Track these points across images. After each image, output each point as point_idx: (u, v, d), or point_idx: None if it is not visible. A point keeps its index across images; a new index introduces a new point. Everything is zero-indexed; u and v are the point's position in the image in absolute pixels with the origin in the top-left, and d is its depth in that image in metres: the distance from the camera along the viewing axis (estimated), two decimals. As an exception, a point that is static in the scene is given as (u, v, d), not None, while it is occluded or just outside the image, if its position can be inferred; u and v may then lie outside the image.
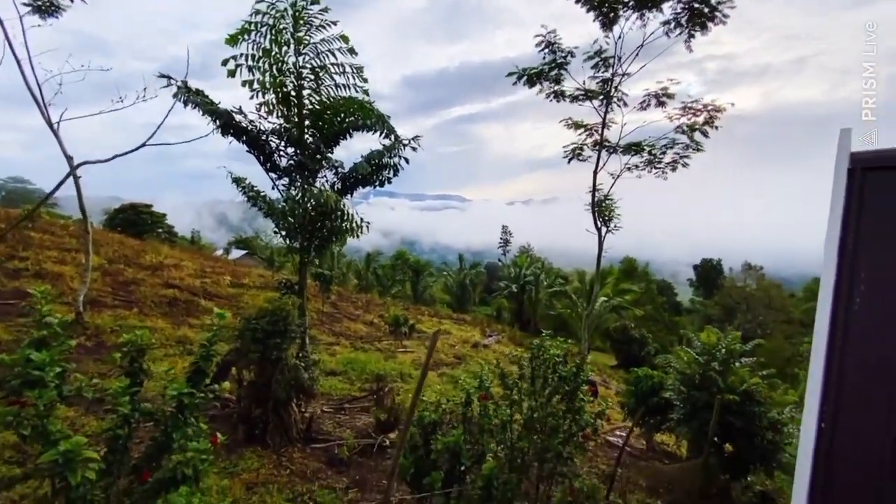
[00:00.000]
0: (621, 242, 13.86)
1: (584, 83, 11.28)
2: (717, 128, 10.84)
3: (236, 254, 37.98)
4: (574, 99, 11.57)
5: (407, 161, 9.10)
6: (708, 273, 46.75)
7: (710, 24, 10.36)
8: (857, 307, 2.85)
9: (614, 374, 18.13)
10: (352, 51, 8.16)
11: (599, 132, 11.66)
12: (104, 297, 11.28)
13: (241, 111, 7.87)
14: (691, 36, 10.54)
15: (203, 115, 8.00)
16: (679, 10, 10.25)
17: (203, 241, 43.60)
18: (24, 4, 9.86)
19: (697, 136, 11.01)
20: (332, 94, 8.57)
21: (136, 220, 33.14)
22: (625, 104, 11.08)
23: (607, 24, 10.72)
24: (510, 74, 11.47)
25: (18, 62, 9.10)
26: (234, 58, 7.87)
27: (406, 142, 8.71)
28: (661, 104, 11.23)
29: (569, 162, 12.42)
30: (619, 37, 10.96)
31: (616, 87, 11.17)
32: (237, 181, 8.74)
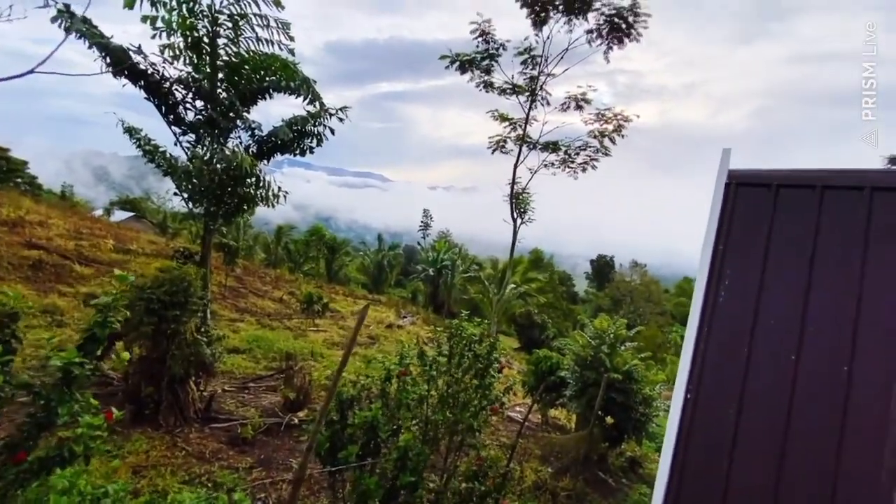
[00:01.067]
0: (531, 234, 14.82)
1: (512, 77, 11.72)
2: (623, 136, 12.10)
3: (120, 216, 33.28)
4: (502, 91, 11.97)
5: (332, 131, 8.71)
6: (602, 268, 51.98)
7: (625, 40, 11.38)
8: (721, 299, 3.42)
9: (517, 355, 19.48)
10: (278, 3, 7.53)
11: (523, 127, 12.26)
12: (-61, 256, 9.26)
13: (140, 51, 6.85)
14: (609, 48, 11.51)
15: (90, 48, 6.83)
16: (601, 22, 11.10)
17: (76, 197, 37.40)
18: None
19: (606, 142, 12.17)
20: (253, 48, 7.86)
21: (-14, 165, 27.28)
22: (548, 103, 11.78)
23: (538, 23, 11.19)
24: (443, 57, 11.47)
25: None
26: (134, -14, 6.81)
27: (333, 111, 8.33)
28: (579, 108, 12.15)
29: (492, 153, 12.91)
30: (548, 38, 11.56)
31: (542, 86, 11.79)
32: (130, 131, 7.67)
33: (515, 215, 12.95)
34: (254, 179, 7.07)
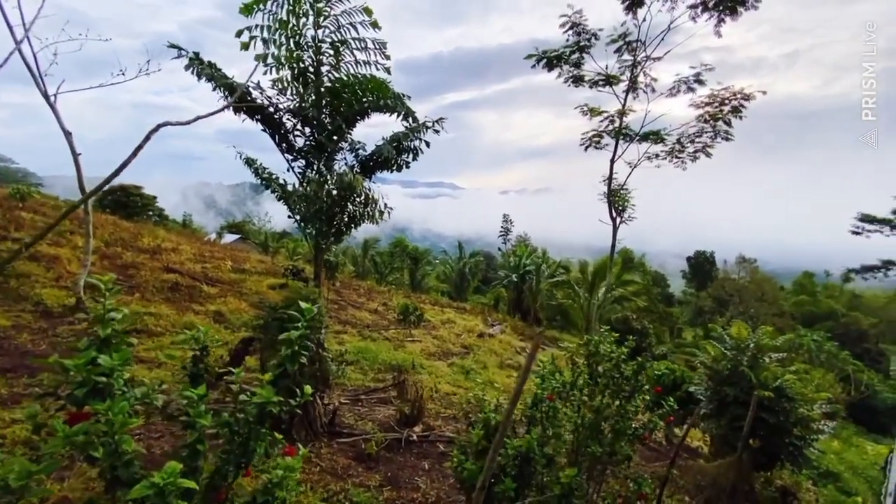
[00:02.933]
0: (609, 233, 13.71)
1: (606, 68, 10.94)
2: (742, 118, 10.63)
3: (228, 238, 37.18)
4: (594, 84, 11.23)
5: (428, 144, 8.73)
6: (701, 265, 47.17)
7: (740, 9, 10.04)
8: None
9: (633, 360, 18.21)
10: (375, 24, 7.72)
11: (619, 119, 11.38)
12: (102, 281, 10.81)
13: (258, 86, 7.41)
14: (721, 21, 10.24)
15: (215, 88, 7.51)
16: (708, -7, 9.94)
17: (194, 224, 42.61)
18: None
19: (721, 124, 10.79)
20: (353, 70, 8.14)
21: (126, 202, 32.08)
22: (652, 90, 10.81)
23: (633, 6, 10.34)
24: (529, 57, 11.05)
25: (11, 30, 8.43)
26: (249, 29, 7.37)
27: (429, 124, 8.34)
28: (690, 90, 10.96)
29: (585, 150, 12.15)
30: (644, 20, 10.63)
31: (644, 72, 10.85)
32: (249, 162, 8.29)
33: (614, 214, 12.03)
34: (363, 197, 7.25)
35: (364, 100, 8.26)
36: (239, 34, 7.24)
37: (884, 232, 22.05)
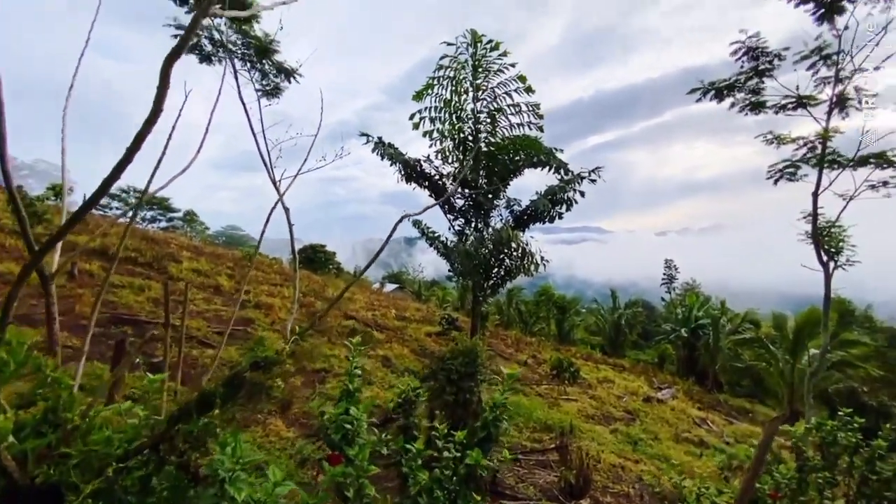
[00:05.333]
0: (817, 277, 10.64)
1: (796, 88, 9.31)
2: None
3: (389, 287, 41.56)
4: (781, 108, 9.59)
5: (583, 194, 8.58)
6: (971, 321, 33.95)
7: None
8: None
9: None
10: (529, 89, 8.18)
11: (821, 145, 9.36)
12: (302, 327, 13.08)
13: (428, 159, 8.46)
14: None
15: (392, 164, 8.80)
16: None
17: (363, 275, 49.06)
18: (257, 90, 12.44)
19: None
20: (507, 133, 8.67)
21: (313, 258, 38.99)
22: (869, 106, 8.69)
23: (826, 14, 8.74)
24: (693, 91, 10.11)
25: (255, 136, 11.43)
26: (419, 112, 8.55)
27: (585, 174, 8.24)
28: (934, 101, 8.51)
29: (775, 183, 10.23)
30: (846, 27, 8.83)
31: (855, 87, 8.90)
32: (416, 224, 9.31)
33: (825, 258, 9.65)
34: (519, 251, 7.40)
35: (518, 158, 8.65)
36: (412, 118, 8.47)
37: None
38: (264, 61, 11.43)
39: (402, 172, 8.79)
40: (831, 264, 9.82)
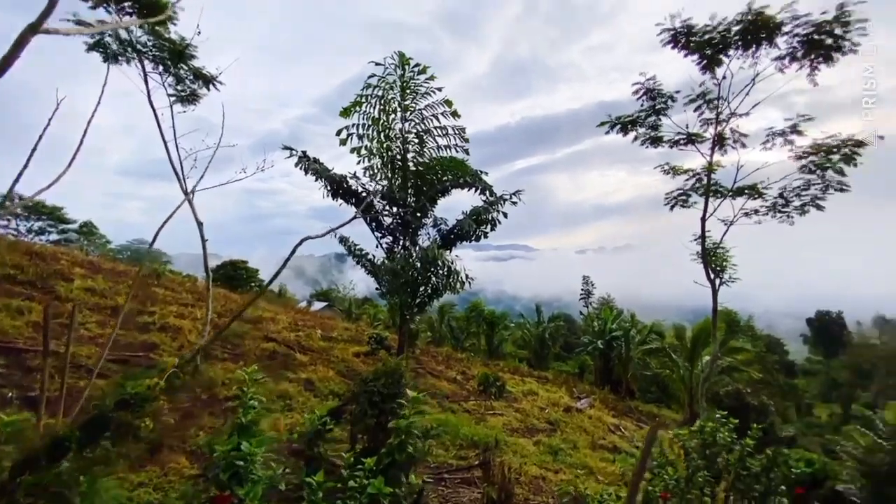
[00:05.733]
0: (705, 292, 12.32)
1: (686, 126, 10.73)
2: (856, 165, 9.54)
3: (317, 305, 39.93)
4: (674, 143, 10.98)
5: (505, 215, 8.99)
6: (827, 328, 40.36)
7: (835, 55, 9.46)
8: None
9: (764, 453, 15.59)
10: (455, 114, 8.48)
11: (706, 177, 10.83)
12: (215, 350, 12.02)
13: (355, 176, 8.37)
14: (815, 69, 9.69)
15: (317, 180, 8.58)
16: (795, 44, 9.54)
17: (288, 294, 46.64)
18: (171, 95, 11.54)
19: (831, 174, 9.77)
20: (435, 154, 8.87)
21: (233, 275, 36.31)
22: (742, 145, 10.27)
23: (710, 66, 10.25)
24: (602, 124, 11.26)
25: (166, 143, 10.55)
26: (347, 128, 8.48)
27: (507, 196, 8.65)
28: (789, 142, 10.22)
29: (671, 208, 11.62)
30: (724, 77, 10.41)
31: (731, 129, 10.43)
32: (343, 241, 9.11)
33: (711, 275, 11.05)
34: (445, 269, 7.53)
35: (445, 179, 8.88)
36: (338, 133, 8.36)
37: None
38: (180, 65, 10.66)
39: (328, 188, 8.61)
40: (717, 281, 11.20)
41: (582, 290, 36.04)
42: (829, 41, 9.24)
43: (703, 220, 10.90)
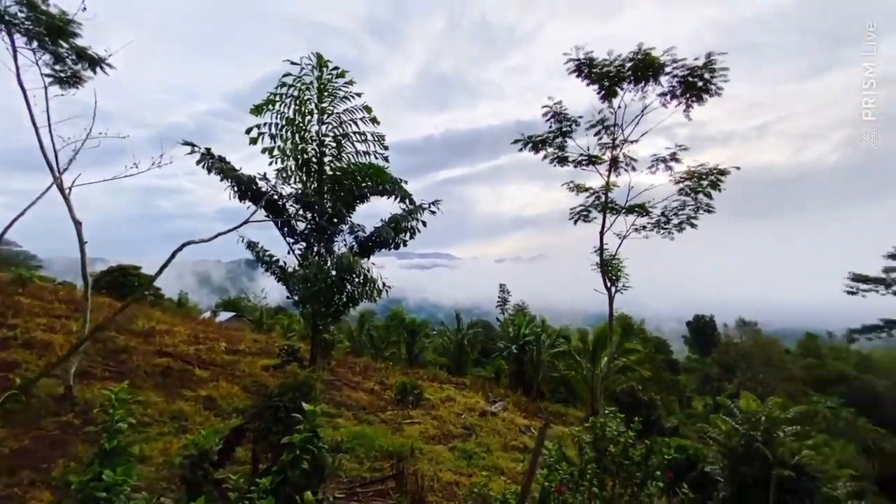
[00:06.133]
0: (606, 299, 13.85)
1: (588, 149, 11.89)
2: (721, 190, 11.43)
3: (224, 316, 36.74)
4: (577, 164, 12.10)
5: (424, 224, 9.11)
6: (702, 329, 46.63)
7: (704, 96, 11.24)
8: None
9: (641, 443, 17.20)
10: (374, 120, 8.44)
11: (604, 195, 12.09)
12: (94, 368, 10.50)
13: (265, 177, 7.90)
14: (689, 106, 11.40)
15: (222, 179, 7.97)
16: (675, 84, 11.16)
17: (190, 303, 42.31)
18: (47, 76, 9.99)
19: (702, 197, 11.55)
20: (353, 159, 8.72)
21: (123, 282, 32.02)
22: (633, 168, 11.65)
23: (608, 96, 11.51)
24: (516, 141, 12.07)
25: (37, 130, 9.09)
26: (258, 126, 8.02)
27: (426, 205, 8.77)
28: (669, 168, 11.89)
29: (575, 223, 12.75)
30: (619, 107, 11.74)
31: (623, 153, 11.76)
32: (251, 246, 8.55)
33: (608, 283, 12.29)
34: (361, 277, 7.40)
35: (364, 185, 8.76)
36: (248, 132, 7.87)
37: (879, 291, 22.37)
38: (59, 42, 9.30)
39: (235, 189, 8.04)
40: (613, 288, 12.41)
41: (499, 297, 37.65)
42: (700, 84, 11.00)
43: (602, 233, 12.13)
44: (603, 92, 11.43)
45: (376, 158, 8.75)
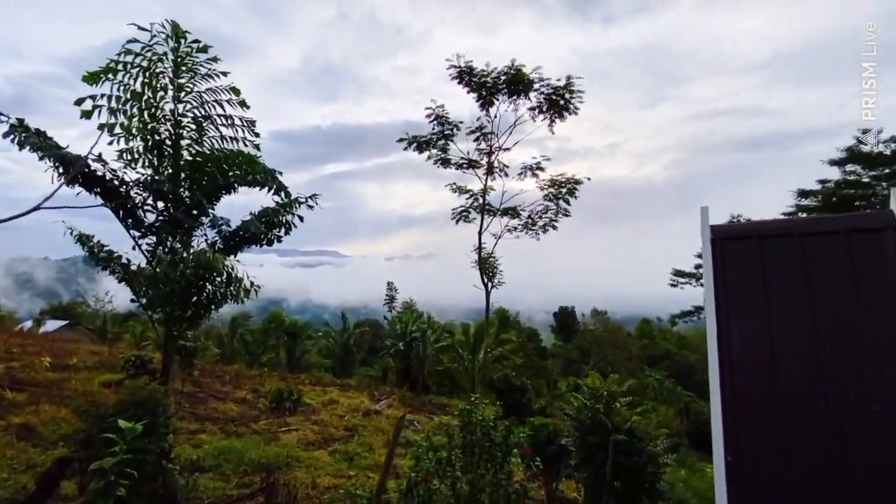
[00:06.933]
0: (493, 295, 15.08)
1: (468, 153, 12.59)
2: (577, 197, 13.13)
3: (52, 325, 30.13)
4: (459, 166, 12.73)
5: (301, 219, 8.64)
6: (565, 319, 52.73)
7: (565, 114, 12.73)
8: (735, 355, 3.47)
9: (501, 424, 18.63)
10: (243, 103, 7.70)
11: (482, 197, 12.95)
12: None
13: (100, 158, 6.64)
14: (553, 121, 12.82)
15: (42, 158, 6.51)
16: (542, 101, 12.43)
17: (2, 311, 33.73)
18: None
19: (562, 203, 13.12)
20: (218, 145, 7.85)
21: None
22: (506, 174, 12.66)
23: (485, 105, 12.32)
24: (401, 140, 12.20)
25: None
26: (93, 97, 6.74)
27: (302, 199, 8.31)
28: (535, 175, 13.20)
29: (456, 223, 13.41)
30: (495, 116, 12.68)
31: (497, 159, 12.72)
32: (83, 241, 7.17)
33: (485, 280, 13.17)
34: (224, 277, 6.71)
35: (231, 174, 7.94)
36: (79, 102, 6.56)
37: (692, 283, 28.06)
38: None
39: (60, 171, 6.64)
40: (489, 284, 13.33)
41: (386, 295, 37.55)
42: (562, 102, 12.45)
43: (480, 233, 13.03)
44: (481, 101, 12.20)
45: (246, 146, 8.01)
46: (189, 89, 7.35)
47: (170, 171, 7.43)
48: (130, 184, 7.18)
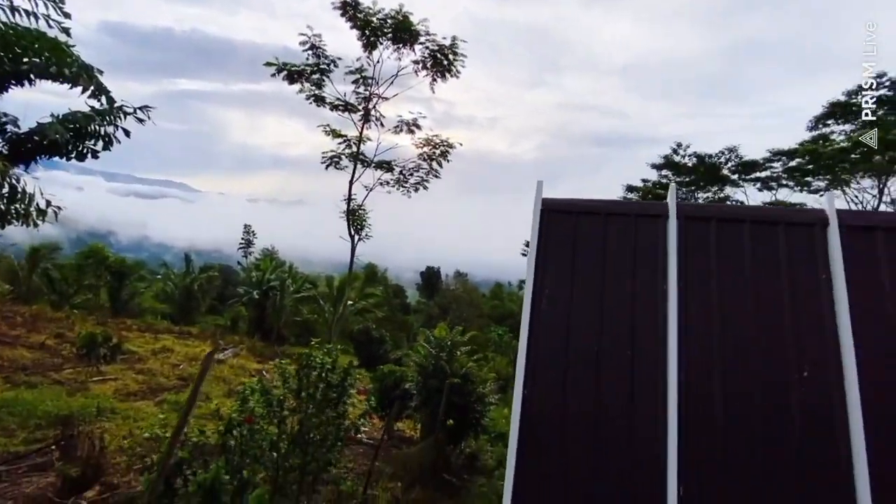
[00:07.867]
0: (363, 249, 15.02)
1: (344, 95, 11.76)
2: (449, 161, 13.45)
3: None
4: (334, 107, 11.86)
5: (128, 133, 7.23)
6: (430, 278, 55.54)
7: (447, 74, 12.71)
8: (544, 309, 4.12)
9: (359, 373, 19.17)
10: (43, -30, 5.88)
11: (357, 145, 12.37)
12: None
13: None
14: (434, 80, 12.71)
15: None
16: (426, 55, 12.17)
17: None
18: None
19: (434, 165, 13.34)
20: (9, 19, 5.93)
21: None
22: (382, 125, 12.21)
23: (368, 46, 11.55)
24: (269, 64, 10.66)
25: None
26: None
27: (130, 109, 6.89)
28: (411, 132, 13.02)
29: (326, 168, 12.64)
30: (378, 62, 12.02)
31: (374, 107, 12.15)
32: None
33: (353, 232, 12.90)
34: (7, 190, 5.30)
35: (24, 60, 6.14)
36: None
37: (537, 254, 32.02)
38: None
39: None
40: (356, 237, 13.16)
41: (242, 239, 34.03)
42: (445, 62, 12.41)
43: (351, 182, 12.57)
44: (365, 40, 11.41)
45: (50, 27, 6.28)
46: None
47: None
48: None
